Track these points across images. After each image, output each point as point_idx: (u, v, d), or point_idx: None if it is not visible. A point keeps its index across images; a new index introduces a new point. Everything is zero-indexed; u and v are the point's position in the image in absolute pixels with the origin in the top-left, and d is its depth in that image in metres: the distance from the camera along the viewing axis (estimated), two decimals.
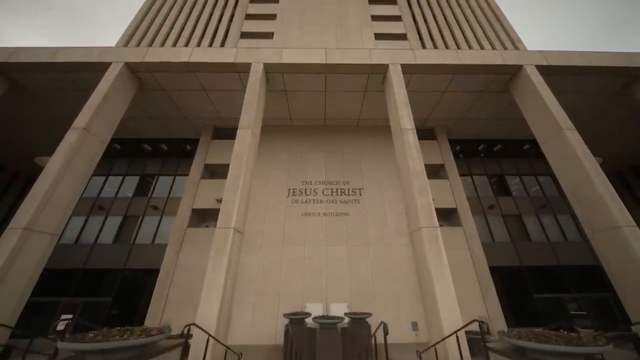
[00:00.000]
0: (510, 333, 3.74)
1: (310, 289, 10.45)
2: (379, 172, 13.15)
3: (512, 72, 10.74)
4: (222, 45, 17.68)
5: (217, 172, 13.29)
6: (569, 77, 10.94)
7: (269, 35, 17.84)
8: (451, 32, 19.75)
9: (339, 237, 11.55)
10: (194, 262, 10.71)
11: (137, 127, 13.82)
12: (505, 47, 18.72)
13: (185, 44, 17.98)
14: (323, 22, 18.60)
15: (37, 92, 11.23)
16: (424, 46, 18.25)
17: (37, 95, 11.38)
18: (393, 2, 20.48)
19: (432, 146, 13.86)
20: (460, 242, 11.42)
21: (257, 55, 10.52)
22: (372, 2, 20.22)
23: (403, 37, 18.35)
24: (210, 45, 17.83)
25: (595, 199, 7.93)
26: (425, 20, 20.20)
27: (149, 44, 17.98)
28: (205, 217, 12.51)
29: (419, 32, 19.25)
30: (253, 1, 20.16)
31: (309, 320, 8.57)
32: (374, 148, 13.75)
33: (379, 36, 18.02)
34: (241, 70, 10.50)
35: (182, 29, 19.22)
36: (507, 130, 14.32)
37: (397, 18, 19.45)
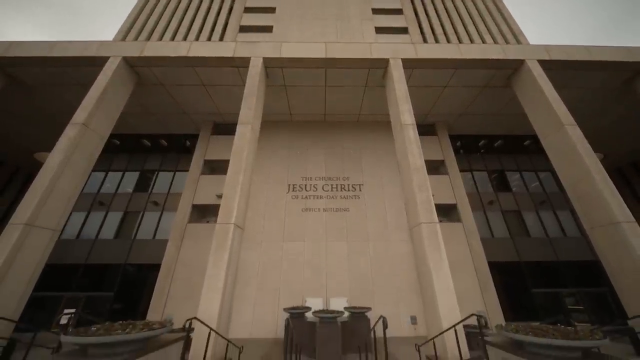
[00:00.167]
0: (508, 327, 3.78)
1: (310, 283, 10.54)
2: (379, 167, 13.14)
3: (514, 67, 10.64)
4: (221, 39, 17.47)
5: (217, 167, 13.28)
6: (569, 72, 10.84)
7: (269, 28, 17.61)
8: (453, 25, 19.49)
9: (339, 232, 11.60)
10: (194, 258, 10.78)
11: (137, 123, 13.75)
12: (508, 41, 18.50)
13: (184, 38, 17.76)
14: (323, 15, 18.35)
15: (36, 87, 11.14)
16: (425, 40, 18.03)
17: (36, 90, 11.29)
18: None
19: (433, 142, 13.81)
20: (459, 238, 11.48)
21: (257, 50, 10.40)
22: None
23: (404, 31, 18.12)
24: (209, 39, 17.62)
25: (595, 195, 7.94)
26: (426, 14, 19.91)
27: (147, 38, 17.76)
28: (205, 212, 12.54)
29: (420, 26, 18.98)
30: None
31: (309, 315, 8.67)
32: (374, 144, 13.71)
33: (379, 30, 17.79)
34: (240, 64, 10.40)
35: (180, 23, 18.96)
36: (508, 126, 14.25)
37: (399, 11, 19.17)
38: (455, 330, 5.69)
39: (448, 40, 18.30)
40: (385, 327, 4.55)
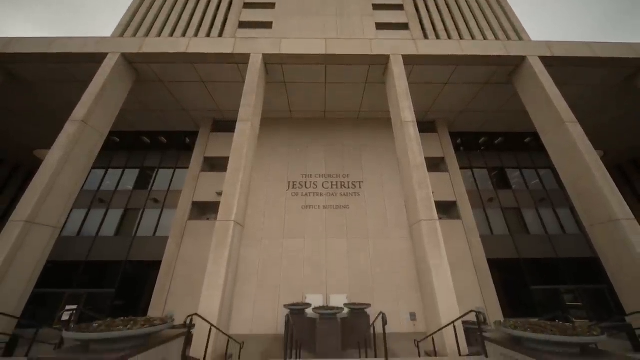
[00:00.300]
0: (506, 323, 3.81)
1: (311, 280, 10.59)
2: (379, 165, 13.12)
3: (516, 63, 10.57)
4: (220, 35, 17.33)
5: (217, 165, 13.27)
6: (570, 69, 10.77)
7: (268, 24, 17.45)
8: (454, 21, 19.31)
9: (339, 229, 11.63)
10: (195, 255, 10.83)
11: (136, 120, 13.71)
12: (509, 38, 18.34)
13: (183, 34, 17.62)
14: (323, 11, 18.17)
15: (35, 84, 11.08)
16: (426, 36, 17.88)
17: (35, 87, 11.23)
18: None
19: (433, 139, 13.78)
20: (459, 235, 11.51)
21: (256, 46, 10.32)
22: None
23: (405, 26, 17.95)
24: (208, 35, 17.47)
25: (595, 192, 7.94)
26: (427, 9, 19.72)
27: (146, 34, 17.62)
28: (205, 209, 12.56)
29: (421, 22, 18.81)
30: None
31: (309, 311, 8.73)
32: (374, 141, 13.68)
33: (380, 26, 17.63)
34: (240, 61, 10.33)
35: (179, 18, 18.79)
36: (508, 123, 14.20)
37: (399, 7, 18.98)
38: (454, 327, 5.74)
39: (449, 36, 18.15)
40: (384, 323, 4.59)
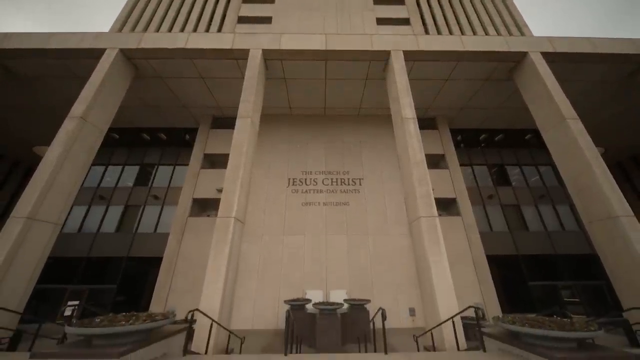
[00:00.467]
0: (504, 319, 3.85)
1: (311, 276, 10.67)
2: (379, 162, 13.11)
3: (517, 59, 10.48)
4: (219, 30, 17.16)
5: (217, 161, 13.26)
6: (572, 65, 10.69)
7: (267, 20, 17.28)
8: (455, 16, 19.11)
9: (339, 226, 11.67)
10: (195, 251, 10.88)
11: (135, 116, 13.65)
12: (511, 33, 18.17)
13: (181, 29, 17.44)
14: (323, 6, 17.96)
15: (34, 80, 11.01)
16: (427, 32, 17.70)
17: (34, 83, 11.16)
18: None
19: (433, 136, 13.74)
20: (458, 232, 11.56)
21: (255, 41, 10.23)
22: None
23: (406, 22, 17.77)
24: (207, 30, 17.30)
25: (595, 189, 7.95)
26: (429, 4, 19.49)
27: (144, 29, 17.44)
28: (206, 206, 12.59)
29: (422, 17, 18.61)
30: None
31: (309, 306, 8.81)
32: (375, 138, 13.64)
33: (380, 21, 17.45)
34: (239, 56, 10.25)
35: (178, 13, 18.58)
36: (509, 120, 14.15)
37: (400, 1, 18.76)
38: (453, 322, 5.80)
39: (450, 32, 17.97)
40: (384, 318, 4.63)
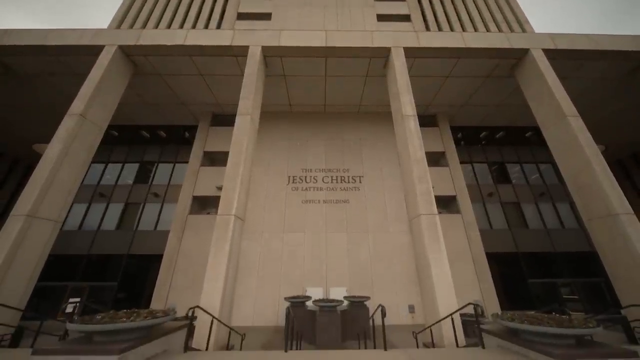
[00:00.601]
0: (503, 315, 3.87)
1: (311, 274, 10.71)
2: (379, 159, 13.09)
3: (518, 56, 10.42)
4: (219, 27, 17.02)
5: (216, 159, 13.24)
6: (573, 62, 10.62)
7: (267, 16, 17.11)
8: (457, 12, 18.94)
9: (339, 224, 11.68)
10: (196, 249, 10.91)
11: (135, 114, 13.60)
12: (512, 30, 18.02)
13: (180, 26, 17.30)
14: (323, 2, 17.79)
15: (32, 77, 10.96)
16: (427, 28, 17.56)
17: (34, 80, 11.11)
18: None
19: (434, 133, 13.71)
20: (458, 229, 11.58)
21: (255, 38, 10.16)
22: None
23: (406, 18, 17.61)
24: (206, 27, 17.16)
25: (595, 187, 7.95)
26: (430, 0, 19.31)
27: (143, 26, 17.30)
28: (206, 204, 12.60)
29: (423, 13, 18.44)
30: None
31: (309, 303, 8.86)
32: (375, 135, 13.61)
33: (381, 17, 17.29)
34: (238, 53, 10.18)
35: (177, 9, 18.41)
36: (510, 117, 14.10)
37: None
38: (452, 319, 5.83)
39: (451, 28, 17.83)
40: (383, 315, 4.66)
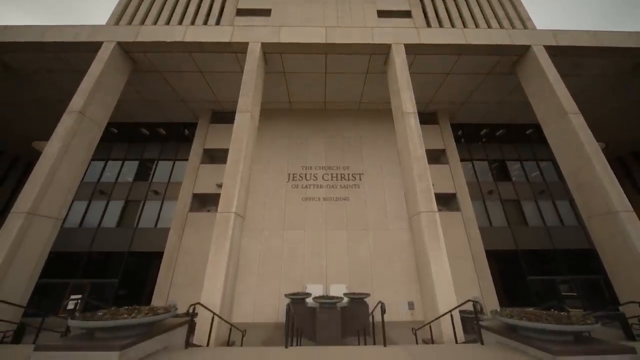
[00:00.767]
0: (502, 312, 3.89)
1: (311, 271, 10.75)
2: (380, 157, 13.08)
3: (520, 53, 10.35)
4: (218, 23, 16.89)
5: (216, 156, 13.22)
6: (574, 59, 10.55)
7: (266, 12, 16.97)
8: (458, 9, 18.76)
9: (339, 221, 11.71)
10: (196, 246, 10.94)
11: (134, 111, 13.55)
12: (514, 26, 17.88)
13: (179, 22, 17.16)
14: None
15: (31, 74, 10.90)
16: (428, 24, 17.42)
17: (32, 77, 11.05)
18: None
19: (434, 130, 13.67)
20: (458, 227, 11.60)
21: (255, 34, 10.08)
22: None
23: (407, 14, 17.47)
24: (205, 23, 17.03)
25: (595, 184, 7.95)
26: None
27: (141, 22, 17.16)
28: (206, 201, 12.61)
29: (424, 9, 18.28)
30: None
31: (309, 300, 8.91)
32: (375, 133, 13.58)
33: (381, 14, 17.15)
34: (238, 50, 10.11)
35: (175, 5, 18.24)
36: (510, 115, 14.05)
37: None
38: (451, 315, 5.87)
39: (452, 25, 17.68)
40: (383, 312, 4.68)
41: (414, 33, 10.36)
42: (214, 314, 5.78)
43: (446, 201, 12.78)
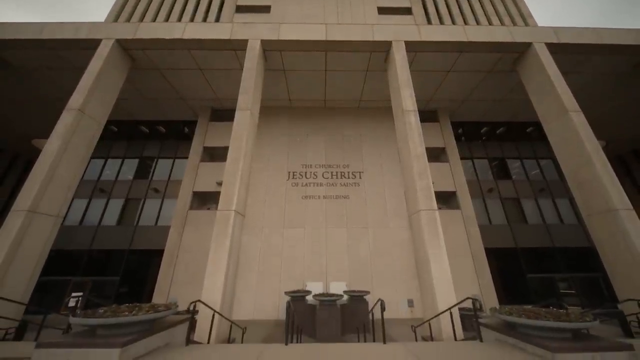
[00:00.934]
0: (501, 310, 3.91)
1: (311, 268, 10.79)
2: (380, 155, 13.06)
3: (521, 50, 10.29)
4: (217, 20, 16.79)
5: (216, 154, 13.21)
6: (575, 56, 10.49)
7: (266, 9, 16.85)
8: (459, 6, 18.63)
9: (339, 219, 11.72)
10: (196, 244, 10.97)
11: (134, 109, 13.51)
12: (515, 23, 17.76)
13: (178, 19, 17.05)
14: None
15: (31, 71, 10.85)
16: (429, 22, 17.31)
17: (31, 75, 11.01)
18: None
19: (434, 128, 13.64)
20: (458, 225, 11.62)
21: (254, 32, 10.02)
22: None
23: (408, 11, 17.35)
24: (205, 20, 16.92)
25: (595, 182, 7.94)
26: None
27: (140, 19, 17.05)
28: (206, 199, 12.62)
29: (424, 6, 18.15)
30: None
31: (309, 298, 8.95)
32: (375, 131, 13.55)
33: (382, 10, 17.02)
34: (237, 47, 10.06)
35: (174, 2, 18.11)
36: (511, 113, 14.01)
37: None
38: (450, 313, 5.90)
39: (453, 22, 17.57)
40: (383, 309, 4.71)
41: (415, 30, 10.29)
42: (215, 311, 5.81)
43: (446, 199, 12.79)
